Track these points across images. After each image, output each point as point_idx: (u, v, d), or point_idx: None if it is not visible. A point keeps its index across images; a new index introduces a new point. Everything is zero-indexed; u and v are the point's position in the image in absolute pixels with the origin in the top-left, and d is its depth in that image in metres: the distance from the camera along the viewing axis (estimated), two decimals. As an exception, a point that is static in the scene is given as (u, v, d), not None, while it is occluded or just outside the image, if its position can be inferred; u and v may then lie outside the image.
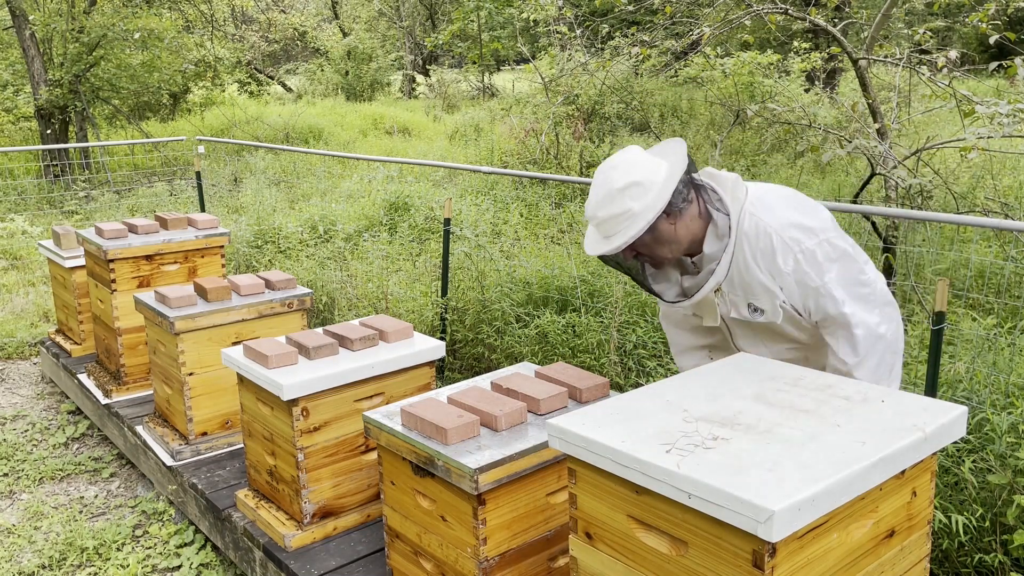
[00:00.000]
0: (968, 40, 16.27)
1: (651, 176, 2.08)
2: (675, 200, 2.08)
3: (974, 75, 10.63)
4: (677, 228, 2.12)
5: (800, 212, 2.14)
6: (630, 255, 2.18)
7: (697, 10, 8.00)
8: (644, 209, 2.05)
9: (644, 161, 2.12)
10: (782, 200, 2.17)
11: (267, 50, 22.95)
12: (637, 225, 2.06)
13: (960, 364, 3.15)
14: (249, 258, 6.69)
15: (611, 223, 2.10)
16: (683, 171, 2.09)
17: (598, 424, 1.75)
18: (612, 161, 2.14)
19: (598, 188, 2.11)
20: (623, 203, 2.06)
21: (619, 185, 2.07)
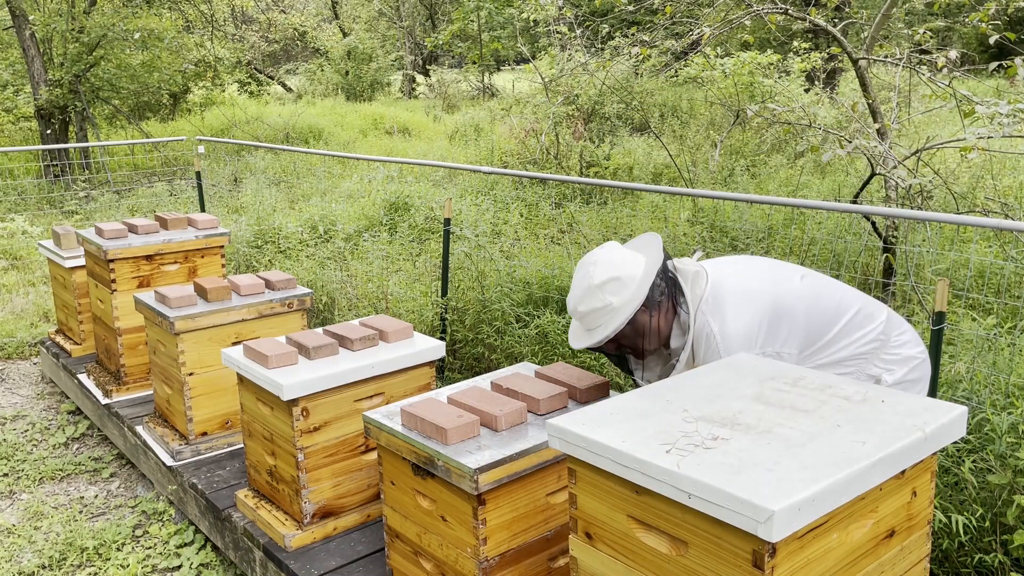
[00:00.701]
0: (968, 40, 16.27)
1: (630, 271, 2.17)
2: (653, 294, 2.16)
3: (974, 75, 10.64)
4: (655, 321, 2.21)
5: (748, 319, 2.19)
6: (613, 347, 2.27)
7: (697, 10, 8.00)
8: (623, 304, 2.15)
9: (622, 257, 2.21)
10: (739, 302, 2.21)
11: (267, 50, 22.95)
12: (617, 320, 2.15)
13: (960, 364, 3.15)
14: (249, 258, 6.69)
15: (592, 317, 2.19)
16: (660, 266, 2.18)
17: (598, 424, 1.75)
18: (592, 257, 2.23)
19: (578, 284, 2.20)
20: (603, 298, 2.16)
21: (598, 281, 2.16)
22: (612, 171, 8.88)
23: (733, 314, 2.20)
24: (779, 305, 2.22)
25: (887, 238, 4.75)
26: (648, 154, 9.56)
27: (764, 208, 6.18)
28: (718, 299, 2.22)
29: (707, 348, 2.20)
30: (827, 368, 2.29)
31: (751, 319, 2.19)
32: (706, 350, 2.20)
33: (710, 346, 2.19)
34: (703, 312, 2.21)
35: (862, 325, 2.30)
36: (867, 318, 2.31)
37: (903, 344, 2.35)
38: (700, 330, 2.21)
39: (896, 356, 2.33)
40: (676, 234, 5.71)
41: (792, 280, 2.29)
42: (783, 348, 2.21)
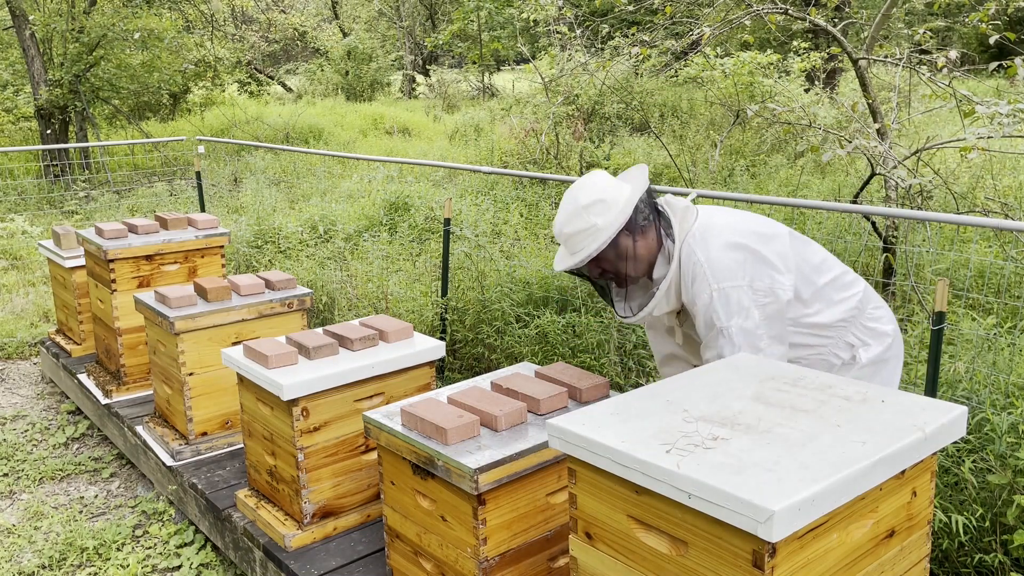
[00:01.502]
0: (968, 40, 16.28)
1: (615, 195, 2.23)
2: (636, 217, 2.22)
3: (974, 75, 10.64)
4: (638, 246, 2.25)
5: (736, 251, 2.22)
6: (596, 270, 2.30)
7: (697, 10, 8.00)
8: (607, 224, 2.20)
9: (608, 182, 2.26)
10: (726, 233, 2.24)
11: (267, 50, 22.96)
12: (601, 238, 2.20)
13: (960, 364, 3.15)
14: (249, 258, 6.69)
15: (577, 238, 2.24)
16: (644, 191, 2.24)
17: (598, 424, 1.75)
18: (579, 182, 2.28)
19: (565, 206, 2.25)
20: (588, 219, 2.21)
21: (584, 203, 2.22)
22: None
23: (722, 244, 2.22)
24: (769, 245, 2.25)
25: (887, 238, 4.75)
26: (648, 154, 9.56)
27: (764, 208, 6.18)
28: (706, 231, 2.25)
29: (695, 277, 2.21)
30: (810, 335, 2.32)
31: (741, 253, 2.21)
32: (694, 279, 2.22)
33: (697, 274, 2.21)
34: (689, 243, 2.24)
35: (845, 288, 2.34)
36: (848, 284, 2.36)
37: (878, 319, 2.39)
38: (687, 259, 2.23)
39: (872, 329, 2.37)
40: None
41: (780, 229, 2.33)
42: (776, 283, 2.21)
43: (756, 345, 2.20)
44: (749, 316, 2.19)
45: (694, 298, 2.23)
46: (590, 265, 2.27)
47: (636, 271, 2.29)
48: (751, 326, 2.19)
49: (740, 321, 2.18)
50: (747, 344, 2.19)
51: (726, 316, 2.18)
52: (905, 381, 3.33)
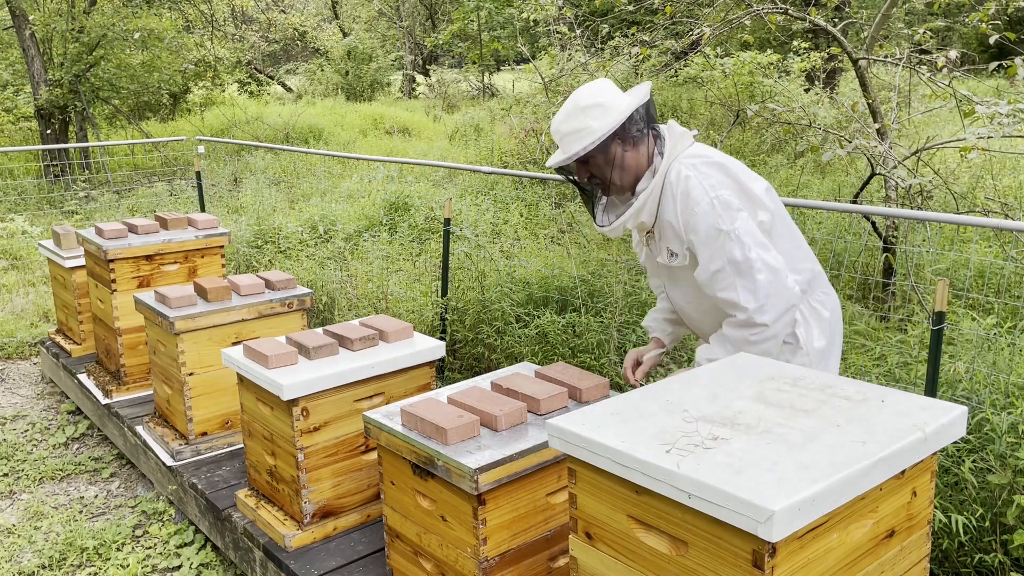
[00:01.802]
0: (968, 40, 16.27)
1: (613, 102, 2.30)
2: (628, 127, 2.29)
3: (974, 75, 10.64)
4: (627, 156, 2.32)
5: (724, 169, 2.30)
6: (584, 172, 2.38)
7: (697, 10, 8.00)
8: (599, 127, 2.27)
9: (611, 91, 2.33)
10: (718, 158, 2.32)
11: (267, 50, 22.96)
12: (589, 139, 2.27)
13: (960, 364, 3.15)
14: (249, 258, 6.69)
15: (570, 138, 2.32)
16: (642, 103, 2.31)
17: (598, 424, 1.75)
18: (584, 86, 2.35)
19: (565, 106, 2.33)
20: (583, 120, 2.29)
21: (583, 104, 2.30)
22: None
23: (712, 165, 2.29)
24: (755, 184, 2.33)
25: (887, 238, 4.75)
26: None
27: (764, 208, 6.18)
28: (697, 157, 2.31)
29: (688, 191, 2.24)
30: None
31: (728, 179, 2.28)
32: (687, 193, 2.24)
33: (691, 187, 2.24)
34: (680, 161, 2.31)
35: (804, 259, 2.41)
36: (806, 257, 2.42)
37: (822, 303, 2.43)
38: (675, 176, 2.29)
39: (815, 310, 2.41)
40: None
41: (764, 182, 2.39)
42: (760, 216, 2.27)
43: (763, 242, 2.21)
44: (749, 220, 2.23)
45: (690, 208, 2.24)
46: (579, 167, 2.36)
47: (621, 180, 2.35)
48: (753, 227, 2.22)
49: (743, 222, 2.20)
50: (755, 242, 2.19)
51: (730, 219, 2.20)
52: (905, 381, 3.33)
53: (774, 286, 2.19)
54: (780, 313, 2.21)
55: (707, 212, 2.22)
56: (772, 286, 2.19)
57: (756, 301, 2.19)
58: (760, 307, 2.19)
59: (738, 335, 2.25)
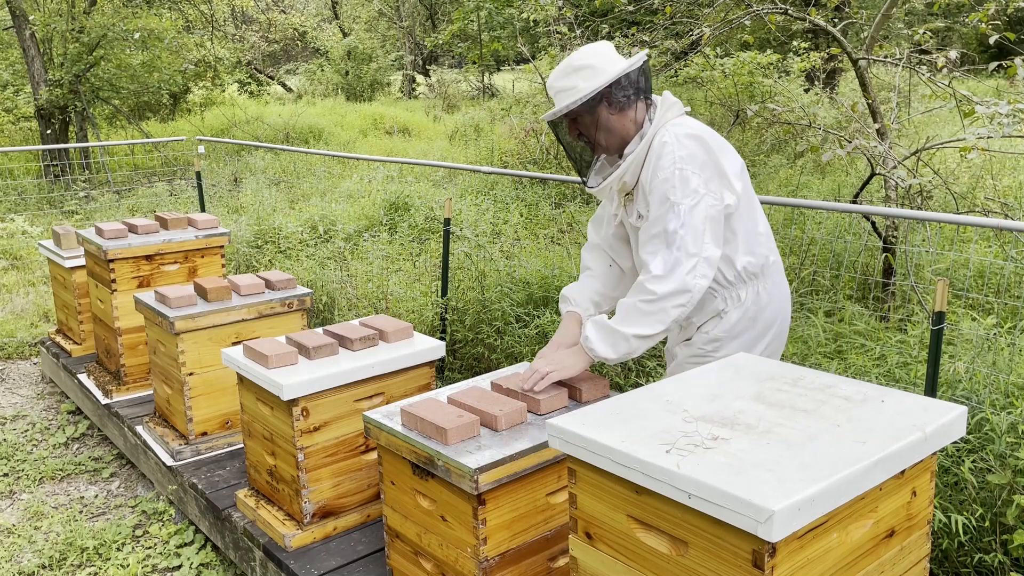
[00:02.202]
0: (968, 40, 16.27)
1: (605, 66, 2.38)
2: (615, 90, 2.37)
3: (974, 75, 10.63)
4: (613, 120, 2.41)
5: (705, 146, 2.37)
6: (574, 131, 2.47)
7: (697, 10, 8.00)
8: (586, 88, 2.36)
9: (607, 54, 2.41)
10: (700, 132, 2.39)
11: (267, 50, 22.96)
12: (575, 96, 2.36)
13: (960, 364, 3.15)
14: (249, 258, 6.69)
15: (561, 95, 2.41)
16: (634, 70, 2.38)
17: (598, 424, 1.75)
18: (583, 48, 2.44)
19: (561, 64, 2.43)
20: (574, 79, 2.38)
21: (576, 65, 2.39)
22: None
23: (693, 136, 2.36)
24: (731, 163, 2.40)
25: (887, 238, 4.75)
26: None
27: (764, 208, 6.18)
28: (683, 126, 2.39)
29: (661, 155, 2.33)
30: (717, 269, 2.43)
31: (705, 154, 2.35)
32: (660, 156, 2.34)
33: (664, 153, 2.33)
34: (666, 128, 2.38)
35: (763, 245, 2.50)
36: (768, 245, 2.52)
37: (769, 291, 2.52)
38: (659, 140, 2.37)
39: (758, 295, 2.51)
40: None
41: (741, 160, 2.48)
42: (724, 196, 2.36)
43: (698, 228, 2.30)
44: (699, 204, 2.30)
45: (656, 172, 2.35)
46: (569, 125, 2.45)
47: (606, 141, 2.44)
48: (699, 211, 2.30)
49: (691, 203, 2.30)
50: (690, 227, 2.28)
51: (682, 194, 2.30)
52: (905, 381, 3.33)
53: (682, 266, 2.27)
54: (672, 291, 2.27)
55: (666, 179, 2.32)
56: (680, 265, 2.27)
57: (662, 270, 2.28)
58: (660, 277, 2.28)
59: (631, 299, 2.33)
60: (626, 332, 2.31)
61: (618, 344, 2.33)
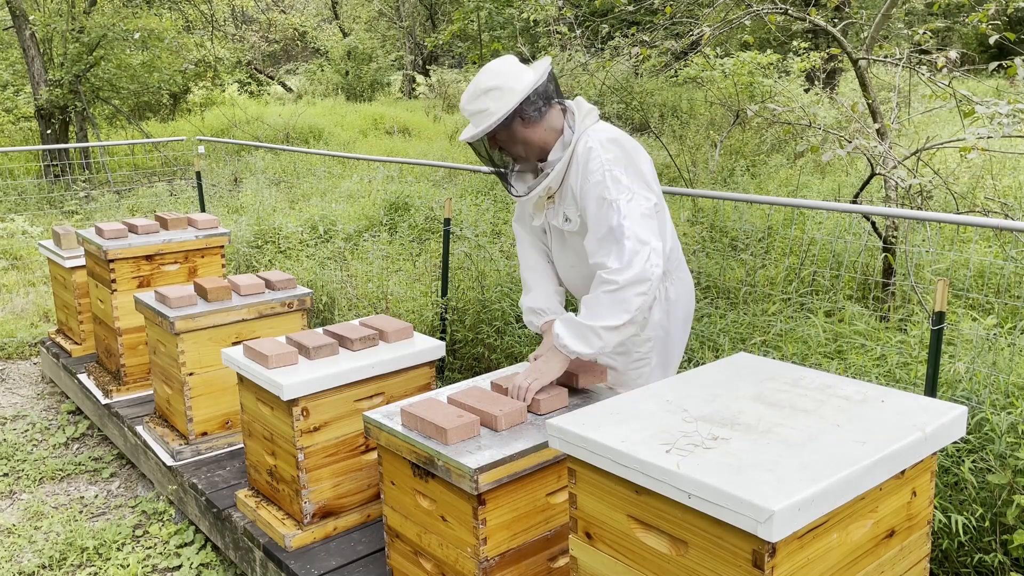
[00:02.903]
0: (968, 40, 16.28)
1: (513, 84, 2.45)
2: (527, 108, 2.45)
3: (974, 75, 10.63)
4: (530, 132, 2.49)
5: (623, 148, 2.49)
6: (493, 147, 2.57)
7: (697, 10, 8.00)
8: (498, 109, 2.43)
9: (512, 70, 2.48)
10: (619, 137, 2.51)
11: (267, 50, 22.97)
12: (487, 122, 2.44)
13: (960, 364, 3.15)
14: (249, 258, 6.69)
15: (476, 117, 2.49)
16: (541, 84, 2.46)
17: (598, 424, 1.75)
18: (488, 66, 2.50)
19: (470, 86, 2.50)
20: (484, 101, 2.46)
21: (484, 87, 2.46)
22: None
23: (614, 141, 2.48)
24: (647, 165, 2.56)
25: (887, 238, 4.75)
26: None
27: (764, 208, 6.19)
28: (603, 131, 2.51)
29: (589, 160, 2.44)
30: None
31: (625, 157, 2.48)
32: (587, 161, 2.44)
33: (592, 158, 2.44)
34: (588, 134, 2.49)
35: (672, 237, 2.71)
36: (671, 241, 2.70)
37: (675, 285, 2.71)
38: (583, 146, 2.47)
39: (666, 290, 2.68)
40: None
41: None
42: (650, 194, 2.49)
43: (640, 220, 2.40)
44: (634, 199, 2.42)
45: (586, 176, 2.45)
46: (489, 142, 2.54)
47: (527, 153, 2.54)
48: (635, 205, 2.42)
49: (627, 198, 2.41)
50: (633, 218, 2.38)
51: (616, 192, 2.41)
52: (905, 381, 3.33)
53: (639, 255, 2.35)
54: (632, 278, 2.34)
55: (598, 183, 2.42)
56: (636, 255, 2.35)
57: (619, 263, 2.36)
58: (619, 268, 2.35)
59: (594, 293, 2.41)
60: (594, 326, 2.36)
61: (589, 339, 2.38)
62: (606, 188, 2.40)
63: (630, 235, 2.35)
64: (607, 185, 2.41)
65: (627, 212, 2.38)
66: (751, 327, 4.14)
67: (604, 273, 2.37)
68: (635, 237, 2.35)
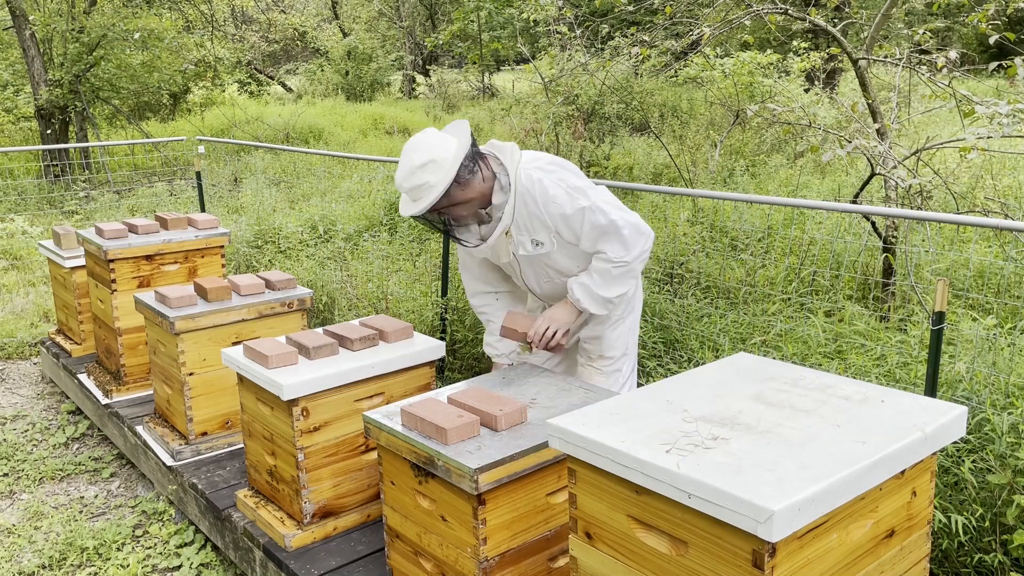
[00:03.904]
0: (968, 40, 16.28)
1: (443, 154, 2.61)
2: (462, 172, 2.61)
3: (974, 75, 10.64)
4: (467, 191, 2.66)
5: (560, 166, 2.74)
6: (435, 215, 2.72)
7: (697, 10, 8.00)
8: (438, 182, 2.59)
9: (437, 142, 2.64)
10: (546, 159, 2.75)
11: (267, 50, 22.97)
12: (433, 194, 2.60)
13: (960, 364, 3.15)
14: (249, 258, 6.69)
15: (415, 192, 2.65)
16: (467, 149, 2.63)
17: (598, 424, 1.75)
18: (413, 143, 2.65)
19: (403, 165, 2.64)
20: (422, 177, 2.60)
21: (418, 163, 2.60)
22: (612, 171, 8.89)
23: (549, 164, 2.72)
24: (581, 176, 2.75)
25: (887, 238, 4.75)
26: (648, 154, 9.56)
27: (764, 208, 6.19)
28: (535, 161, 2.73)
29: (545, 189, 2.66)
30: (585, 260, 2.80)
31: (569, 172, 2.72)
32: (544, 191, 2.66)
33: (547, 184, 2.66)
34: (526, 171, 2.70)
35: None
36: None
37: None
38: (528, 181, 2.69)
39: None
40: (676, 234, 5.71)
41: None
42: None
43: (616, 203, 2.68)
44: (598, 192, 2.68)
45: (548, 206, 2.67)
46: (430, 212, 2.68)
47: (470, 211, 2.71)
48: (605, 197, 2.68)
49: (596, 196, 2.66)
50: (611, 206, 2.66)
51: (585, 198, 2.65)
52: (905, 381, 3.33)
53: (634, 236, 2.68)
54: (639, 253, 2.72)
55: (567, 200, 2.65)
56: (633, 237, 2.67)
57: (624, 249, 2.69)
58: (625, 252, 2.69)
59: (603, 267, 2.73)
60: (607, 296, 2.76)
61: (599, 303, 2.79)
62: (575, 199, 2.65)
63: (623, 224, 2.66)
64: (574, 196, 2.65)
65: (607, 208, 2.65)
66: (751, 327, 4.14)
67: (612, 255, 2.68)
68: (628, 224, 2.67)
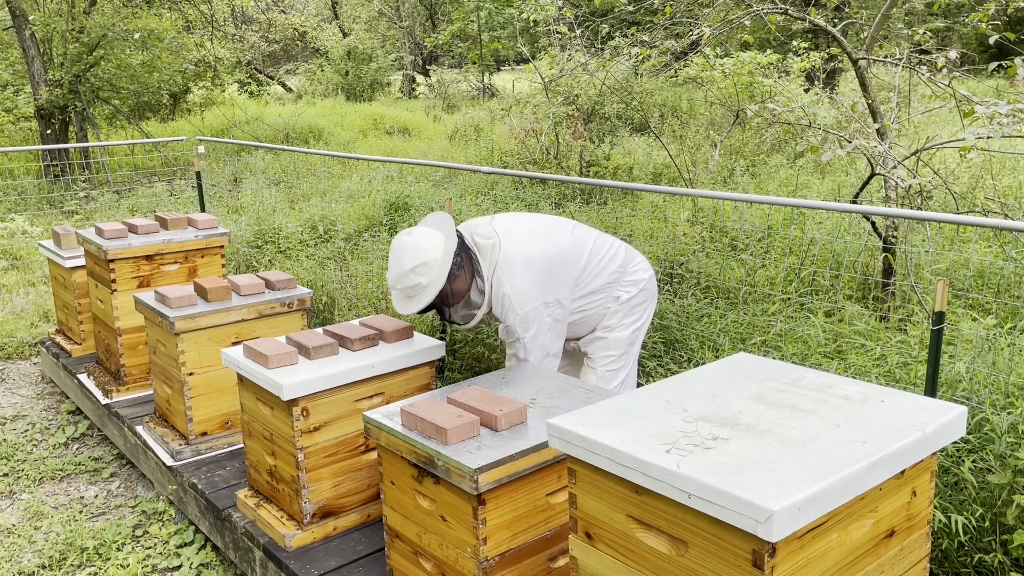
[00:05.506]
0: (968, 40, 16.28)
1: (433, 254, 2.77)
2: (453, 270, 2.80)
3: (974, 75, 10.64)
4: (456, 285, 2.84)
5: (533, 279, 2.89)
6: (430, 308, 2.89)
7: (697, 10, 8.00)
8: (430, 283, 2.76)
9: (425, 242, 2.78)
10: (524, 264, 2.89)
11: (267, 50, 22.97)
12: (428, 294, 2.77)
13: (960, 364, 3.15)
14: (249, 258, 6.69)
15: (409, 291, 2.80)
16: (455, 247, 2.79)
17: (598, 424, 1.75)
18: (401, 244, 2.80)
19: (393, 268, 2.80)
20: (415, 279, 2.76)
21: (408, 267, 2.75)
22: (612, 171, 8.88)
23: (520, 276, 2.88)
24: (552, 261, 2.96)
25: (887, 238, 4.75)
26: (648, 154, 9.56)
27: (764, 208, 6.19)
28: (508, 266, 2.88)
29: (503, 305, 2.88)
30: (588, 296, 3.08)
31: (534, 279, 2.89)
32: (503, 306, 2.89)
33: (505, 303, 2.88)
34: (498, 276, 2.88)
35: (610, 262, 3.13)
36: (612, 258, 3.14)
37: (636, 271, 3.21)
38: (496, 291, 2.89)
39: (632, 279, 3.18)
40: (676, 234, 5.71)
41: (564, 235, 3.05)
42: (559, 294, 2.96)
43: (545, 350, 2.96)
44: (539, 333, 2.93)
45: (503, 317, 2.93)
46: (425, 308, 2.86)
47: (458, 300, 2.91)
48: (541, 341, 2.94)
49: (531, 335, 2.91)
50: (535, 350, 2.94)
51: (523, 332, 2.91)
52: (905, 381, 3.33)
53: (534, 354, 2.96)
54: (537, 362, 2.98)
55: (513, 323, 2.91)
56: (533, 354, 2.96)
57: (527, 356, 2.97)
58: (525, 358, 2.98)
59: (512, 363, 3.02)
60: None
61: None
62: (515, 328, 2.91)
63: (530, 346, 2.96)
64: (516, 326, 2.91)
65: (531, 348, 2.93)
66: (751, 327, 4.14)
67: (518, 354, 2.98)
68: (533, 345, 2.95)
